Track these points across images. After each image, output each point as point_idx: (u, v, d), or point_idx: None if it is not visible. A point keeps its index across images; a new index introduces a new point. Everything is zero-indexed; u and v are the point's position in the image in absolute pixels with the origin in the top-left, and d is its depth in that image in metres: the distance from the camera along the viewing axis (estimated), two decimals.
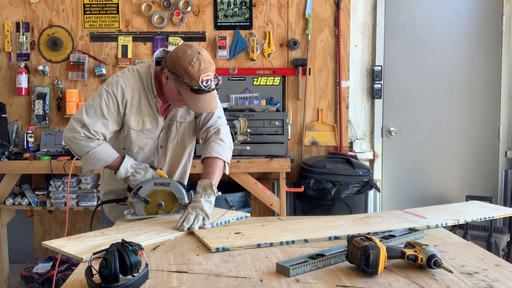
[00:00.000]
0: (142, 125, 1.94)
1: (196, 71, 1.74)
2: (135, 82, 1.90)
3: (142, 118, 1.93)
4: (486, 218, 1.77)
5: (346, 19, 3.82)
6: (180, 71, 1.76)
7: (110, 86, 1.89)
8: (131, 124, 1.92)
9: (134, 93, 1.90)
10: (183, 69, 1.75)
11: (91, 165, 1.90)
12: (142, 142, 1.98)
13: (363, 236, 1.25)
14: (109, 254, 1.12)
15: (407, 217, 1.74)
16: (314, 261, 1.26)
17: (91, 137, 1.87)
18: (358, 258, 1.19)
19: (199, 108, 1.83)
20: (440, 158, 4.00)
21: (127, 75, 1.91)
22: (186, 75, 1.75)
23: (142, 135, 1.96)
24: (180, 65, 1.76)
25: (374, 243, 1.20)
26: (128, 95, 1.88)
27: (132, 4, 3.81)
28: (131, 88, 1.89)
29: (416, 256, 1.23)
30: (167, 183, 1.92)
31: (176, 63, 1.78)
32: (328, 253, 1.31)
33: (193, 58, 1.75)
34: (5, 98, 3.81)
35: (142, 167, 1.95)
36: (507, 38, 3.94)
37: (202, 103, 1.81)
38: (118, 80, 1.90)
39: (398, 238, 1.46)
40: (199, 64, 1.74)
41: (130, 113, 1.91)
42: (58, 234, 3.89)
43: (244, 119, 3.43)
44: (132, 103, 1.89)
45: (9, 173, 3.35)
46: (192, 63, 1.75)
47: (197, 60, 1.75)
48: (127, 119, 1.91)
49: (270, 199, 3.37)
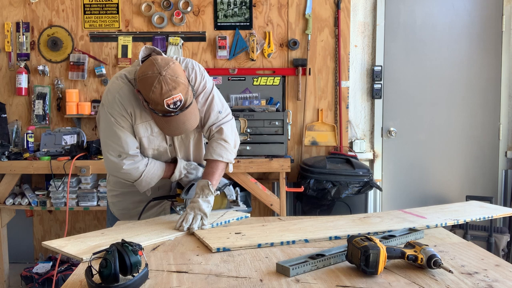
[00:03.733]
0: (151, 131, 1.89)
1: (158, 96, 1.64)
2: (129, 91, 1.82)
3: (149, 124, 1.87)
4: (485, 218, 1.76)
5: (346, 19, 3.82)
6: (145, 96, 1.69)
7: (110, 106, 1.82)
8: (140, 132, 1.87)
9: (132, 101, 1.83)
10: (146, 95, 1.68)
11: (146, 185, 1.92)
12: (155, 145, 1.95)
13: (363, 236, 1.25)
14: (109, 254, 1.12)
15: (406, 217, 1.74)
16: (314, 261, 1.26)
17: (134, 159, 1.87)
18: (358, 258, 1.19)
19: (172, 132, 1.78)
20: (440, 158, 4.00)
21: (119, 86, 1.83)
22: (150, 101, 1.67)
23: (153, 139, 1.92)
24: (143, 89, 1.68)
25: (374, 243, 1.20)
26: (129, 107, 1.82)
27: (132, 4, 3.81)
28: (127, 99, 1.82)
29: (416, 256, 1.23)
30: (227, 183, 2.01)
31: (140, 86, 1.71)
32: (328, 253, 1.31)
33: (154, 81, 1.64)
34: (5, 98, 3.81)
35: (193, 167, 2.00)
36: (507, 38, 3.94)
37: (174, 125, 1.73)
38: (113, 95, 1.82)
39: (398, 238, 1.46)
40: (161, 88, 1.63)
41: (137, 123, 1.85)
42: (58, 234, 3.89)
43: (244, 119, 3.43)
44: (135, 112, 1.84)
45: (9, 173, 3.35)
46: (153, 88, 1.64)
47: (158, 83, 1.63)
48: (137, 129, 1.86)
49: (270, 199, 3.37)
